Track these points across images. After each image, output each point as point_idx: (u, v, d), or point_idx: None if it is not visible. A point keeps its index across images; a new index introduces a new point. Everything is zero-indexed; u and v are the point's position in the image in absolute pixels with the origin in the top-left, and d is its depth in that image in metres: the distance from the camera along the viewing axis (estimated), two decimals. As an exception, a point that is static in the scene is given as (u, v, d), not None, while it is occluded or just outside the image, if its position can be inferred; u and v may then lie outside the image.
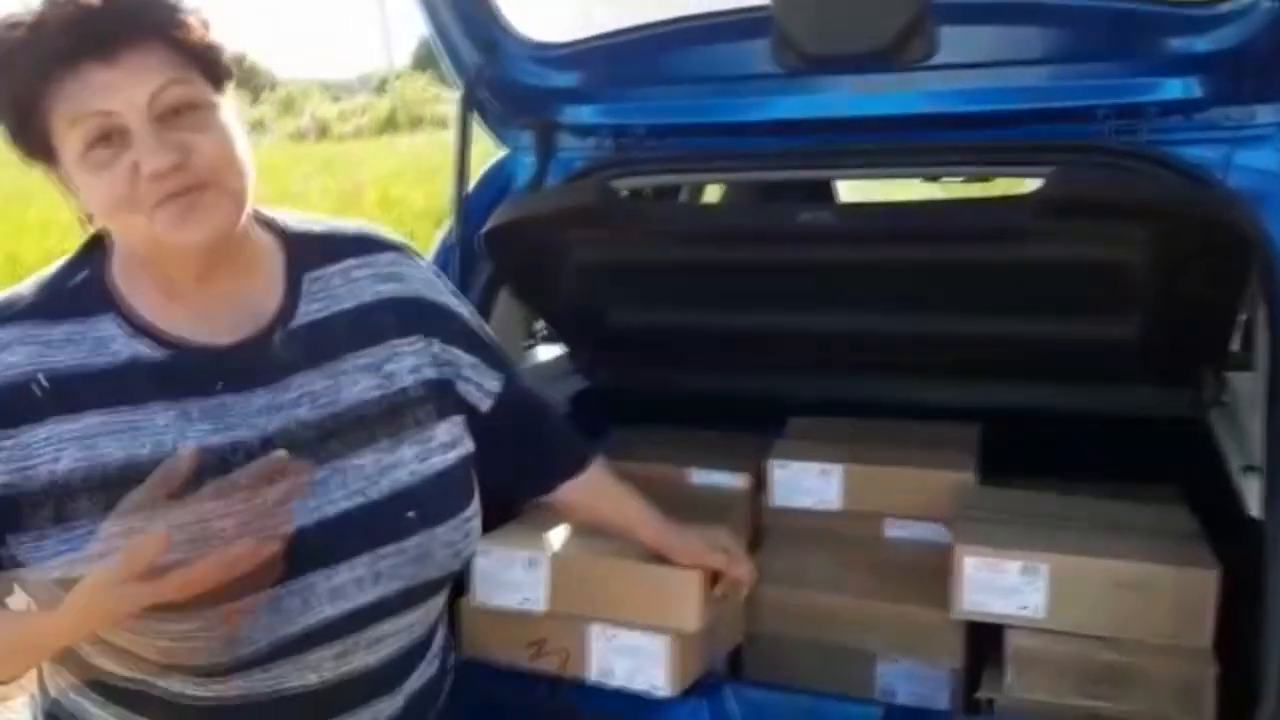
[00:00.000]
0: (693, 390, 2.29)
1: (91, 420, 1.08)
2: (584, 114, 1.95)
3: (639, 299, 2.29)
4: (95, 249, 1.18)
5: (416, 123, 23.29)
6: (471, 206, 1.95)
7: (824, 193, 3.17)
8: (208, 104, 1.10)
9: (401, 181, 13.55)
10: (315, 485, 1.12)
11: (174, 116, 1.06)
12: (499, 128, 2.02)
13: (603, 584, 1.65)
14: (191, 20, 1.09)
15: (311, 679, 1.17)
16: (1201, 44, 1.66)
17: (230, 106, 1.13)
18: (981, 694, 1.71)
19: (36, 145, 1.09)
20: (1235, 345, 1.99)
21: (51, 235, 8.71)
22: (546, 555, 1.68)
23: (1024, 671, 1.66)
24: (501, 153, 2.09)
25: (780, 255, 2.01)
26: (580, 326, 1.60)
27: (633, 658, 1.63)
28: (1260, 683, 1.39)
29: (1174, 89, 1.68)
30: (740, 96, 1.92)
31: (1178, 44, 1.69)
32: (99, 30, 1.03)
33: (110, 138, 1.05)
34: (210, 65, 1.11)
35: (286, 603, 1.12)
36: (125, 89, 1.04)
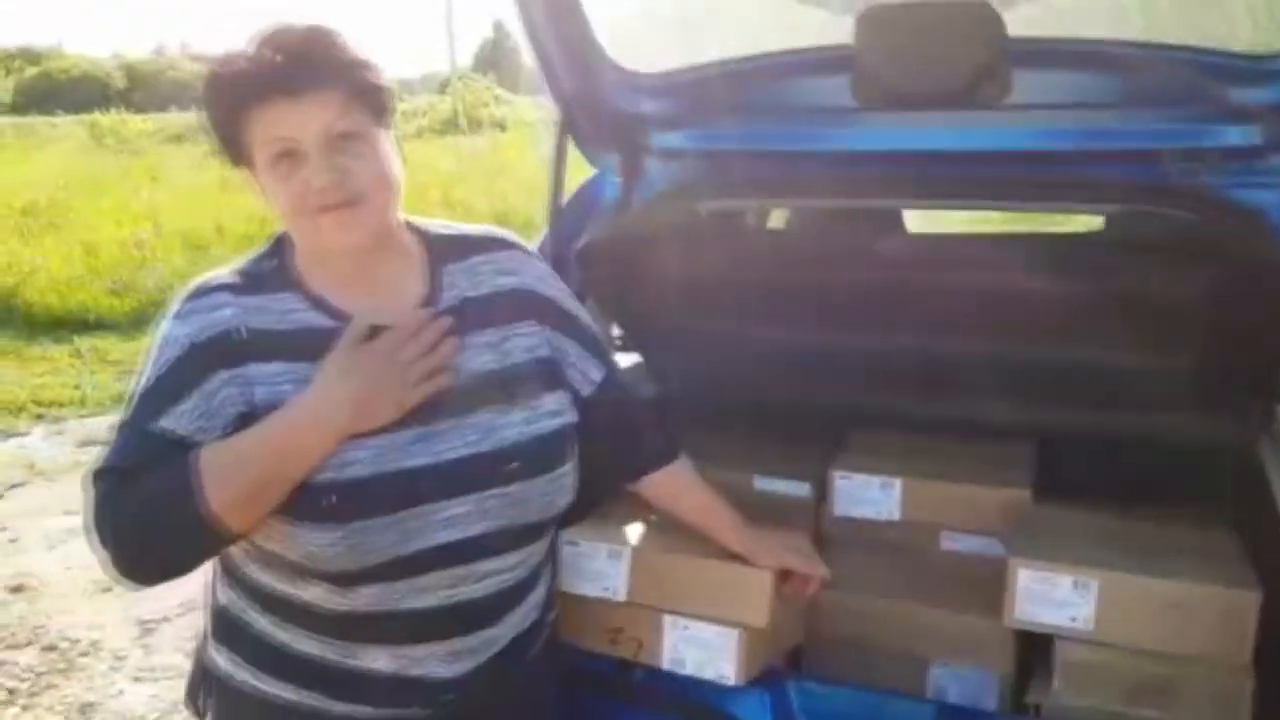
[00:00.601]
0: (758, 401, 2.39)
1: (279, 366, 1.36)
2: (671, 140, 2.07)
3: (713, 313, 2.40)
4: (281, 243, 1.46)
5: (476, 124, 23.53)
6: (563, 221, 2.08)
7: (894, 221, 3.27)
8: (367, 134, 1.36)
9: (464, 184, 13.75)
10: (439, 434, 1.39)
11: (340, 142, 1.34)
12: (590, 149, 2.14)
13: (679, 578, 1.75)
14: (363, 69, 1.37)
15: (430, 600, 1.41)
16: (1260, 94, 1.74)
17: (387, 136, 1.40)
18: (1030, 699, 1.81)
19: (238, 155, 1.38)
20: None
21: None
22: (628, 548, 1.79)
23: (1071, 680, 1.75)
24: (592, 172, 2.21)
25: (854, 278, 2.11)
26: (655, 336, 1.72)
27: (703, 649, 1.73)
28: None
29: (1234, 136, 1.75)
30: (818, 127, 2.02)
31: (1238, 93, 1.77)
32: (290, 74, 1.31)
33: (291, 155, 1.33)
34: (374, 104, 1.38)
35: (407, 524, 1.36)
36: (304, 121, 1.32)
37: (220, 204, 11.71)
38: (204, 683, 1.55)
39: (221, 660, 1.51)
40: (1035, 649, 1.83)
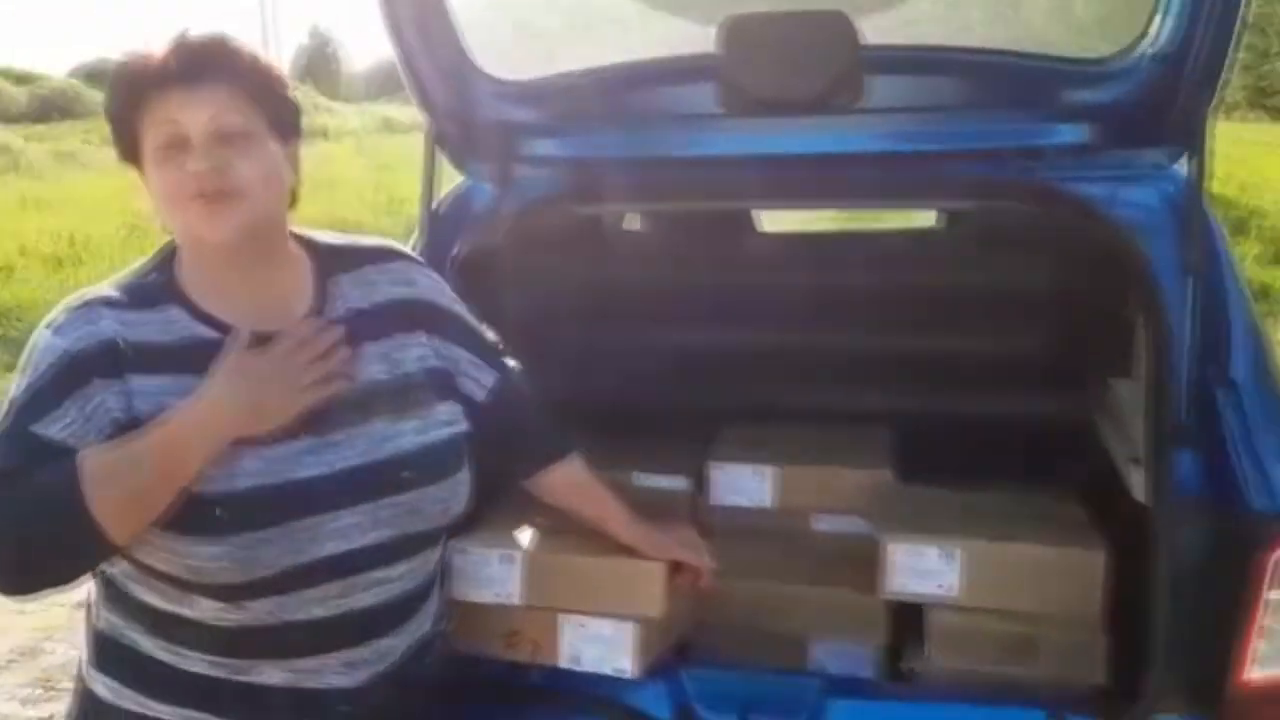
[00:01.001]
0: (632, 401, 2.45)
1: (162, 380, 1.34)
2: (541, 147, 2.09)
3: (585, 317, 2.45)
4: (165, 257, 1.44)
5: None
6: (437, 230, 2.08)
7: (747, 222, 3.38)
8: (258, 136, 1.37)
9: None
10: (333, 444, 1.39)
11: (228, 137, 1.34)
12: (460, 157, 2.15)
13: (573, 576, 1.79)
14: (263, 75, 1.39)
15: (317, 612, 1.39)
16: (1090, 95, 1.90)
17: (282, 147, 1.41)
18: (905, 665, 1.92)
19: (129, 146, 1.38)
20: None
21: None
22: (520, 551, 1.81)
23: (942, 645, 1.87)
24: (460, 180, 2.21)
25: (717, 279, 2.19)
26: (531, 342, 1.75)
27: (600, 644, 1.77)
28: (1147, 644, 1.60)
29: (1067, 134, 1.90)
30: (684, 133, 2.09)
31: (1070, 95, 1.92)
32: (188, 67, 1.34)
33: (177, 143, 1.33)
34: (270, 110, 1.39)
35: (297, 535, 1.34)
36: (194, 110, 1.33)
37: (21, 223, 11.03)
38: (83, 715, 1.49)
39: (102, 688, 1.45)
40: (907, 619, 1.94)
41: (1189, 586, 1.60)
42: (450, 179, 2.20)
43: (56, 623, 3.92)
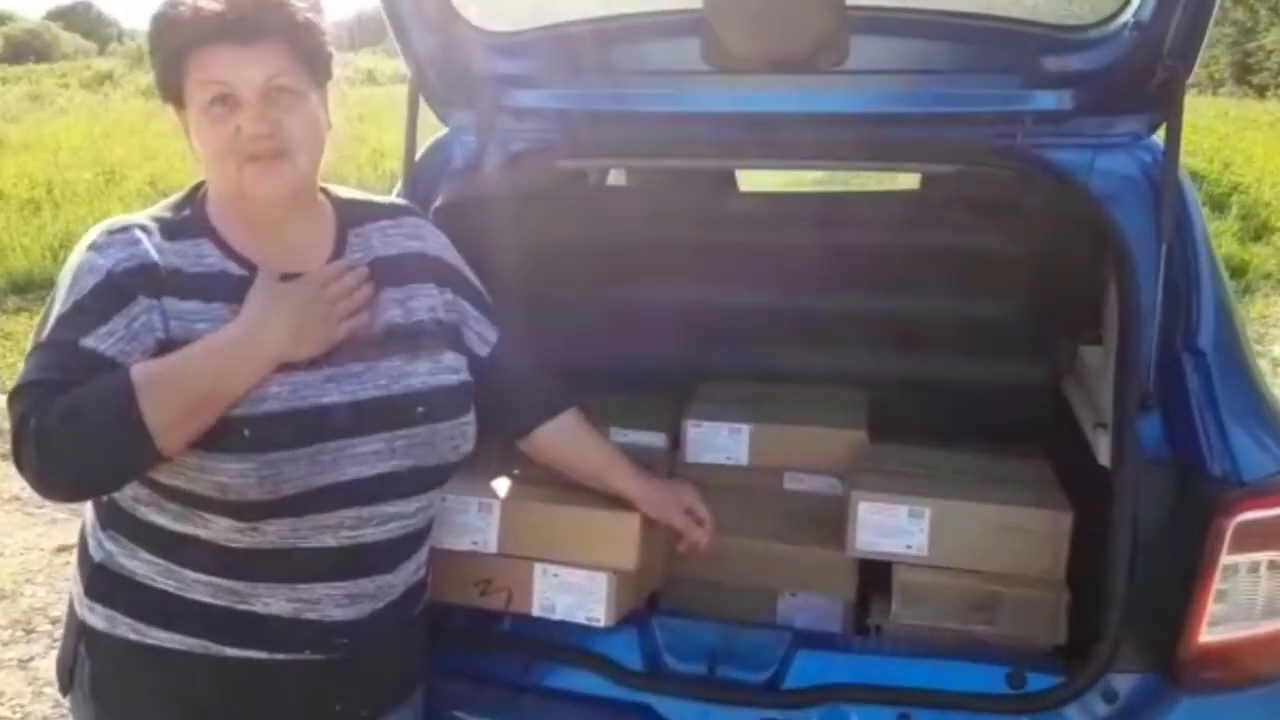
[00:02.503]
0: (608, 358, 2.46)
1: (194, 305, 1.39)
2: (524, 98, 2.09)
3: (564, 273, 2.46)
4: (195, 193, 1.50)
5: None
6: (417, 180, 2.08)
7: (728, 180, 3.38)
8: (304, 93, 1.42)
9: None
10: (351, 375, 1.45)
11: (276, 95, 1.38)
12: (442, 107, 2.14)
13: (549, 527, 1.82)
14: (310, 30, 1.42)
15: (331, 540, 1.45)
16: (1071, 63, 1.90)
17: (320, 99, 1.46)
18: (872, 620, 1.97)
19: (172, 91, 1.42)
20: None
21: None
22: (498, 500, 1.84)
23: (909, 601, 1.91)
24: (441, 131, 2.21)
25: (698, 237, 2.20)
26: (509, 295, 1.76)
27: (574, 594, 1.80)
28: (1107, 605, 1.64)
29: (1047, 101, 1.91)
30: (668, 89, 2.09)
31: (1051, 62, 1.93)
32: (240, 22, 1.36)
33: (226, 100, 1.37)
34: (316, 65, 1.44)
35: (320, 457, 1.40)
36: (246, 70, 1.37)
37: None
38: (77, 648, 1.51)
39: (97, 618, 1.48)
40: (875, 575, 1.98)
41: (1149, 550, 1.64)
42: (432, 131, 2.20)
43: (35, 566, 3.94)
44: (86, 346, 1.32)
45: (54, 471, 1.30)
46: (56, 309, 1.37)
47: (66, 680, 1.54)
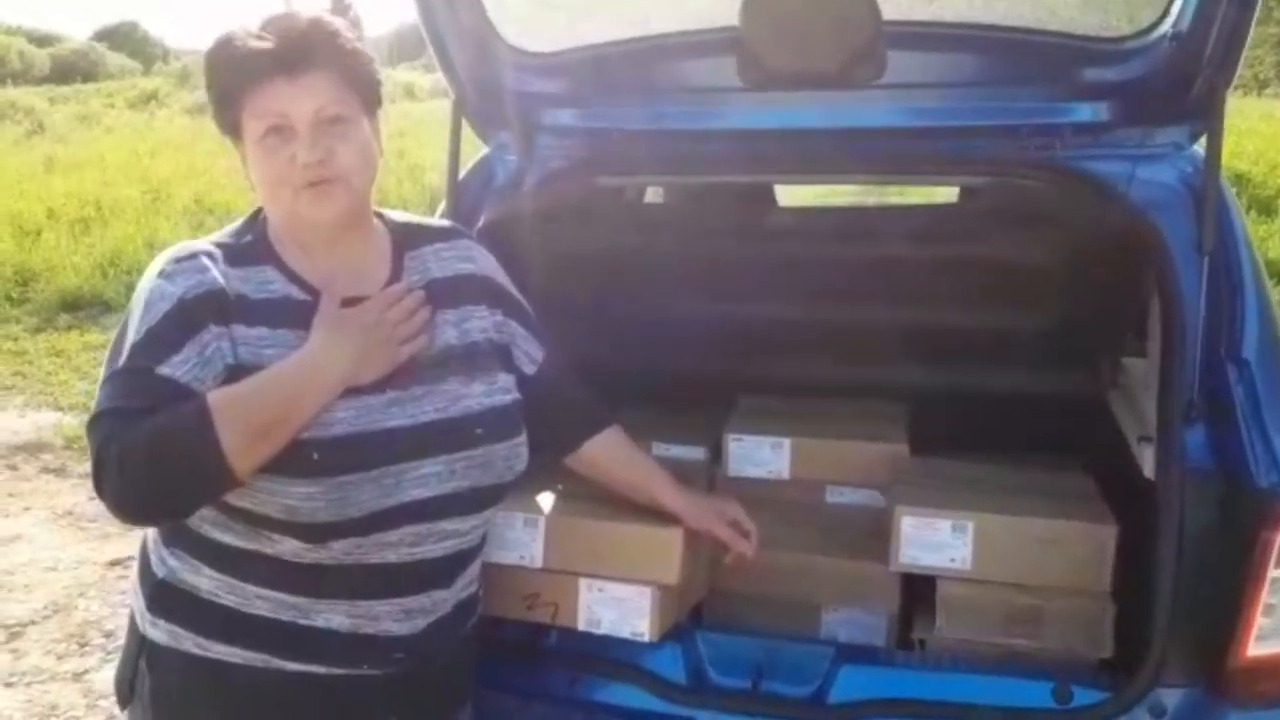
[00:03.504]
0: (652, 372, 2.48)
1: (261, 331, 1.44)
2: (564, 118, 2.12)
3: (605, 288, 2.48)
4: (256, 220, 1.55)
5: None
6: (460, 199, 2.12)
7: (766, 195, 3.39)
8: (355, 120, 1.47)
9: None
10: (413, 399, 1.50)
11: (328, 125, 1.44)
12: (483, 127, 2.17)
13: (593, 541, 1.83)
14: (359, 59, 1.47)
15: (392, 556, 1.49)
16: (1109, 74, 1.90)
17: (371, 124, 1.51)
18: (916, 635, 1.96)
19: (229, 125, 1.48)
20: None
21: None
22: (543, 516, 1.86)
23: (952, 615, 1.91)
24: (484, 150, 2.24)
25: (738, 251, 2.21)
26: (552, 312, 1.79)
27: (618, 608, 1.82)
28: (1153, 618, 1.63)
29: (1086, 112, 1.90)
30: (705, 107, 2.11)
31: (1090, 73, 1.92)
32: (291, 56, 1.42)
33: (281, 131, 1.43)
34: (366, 93, 1.49)
35: (385, 480, 1.44)
36: (298, 101, 1.42)
37: (48, 186, 11.11)
38: (138, 661, 1.55)
39: (160, 633, 1.52)
40: (918, 589, 1.98)
41: (1195, 562, 1.62)
42: (474, 148, 2.23)
43: (88, 580, 4.01)
44: (162, 374, 1.37)
45: (133, 496, 1.34)
46: (130, 337, 1.40)
47: (127, 693, 1.58)
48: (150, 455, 1.31)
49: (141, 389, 1.36)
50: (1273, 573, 1.57)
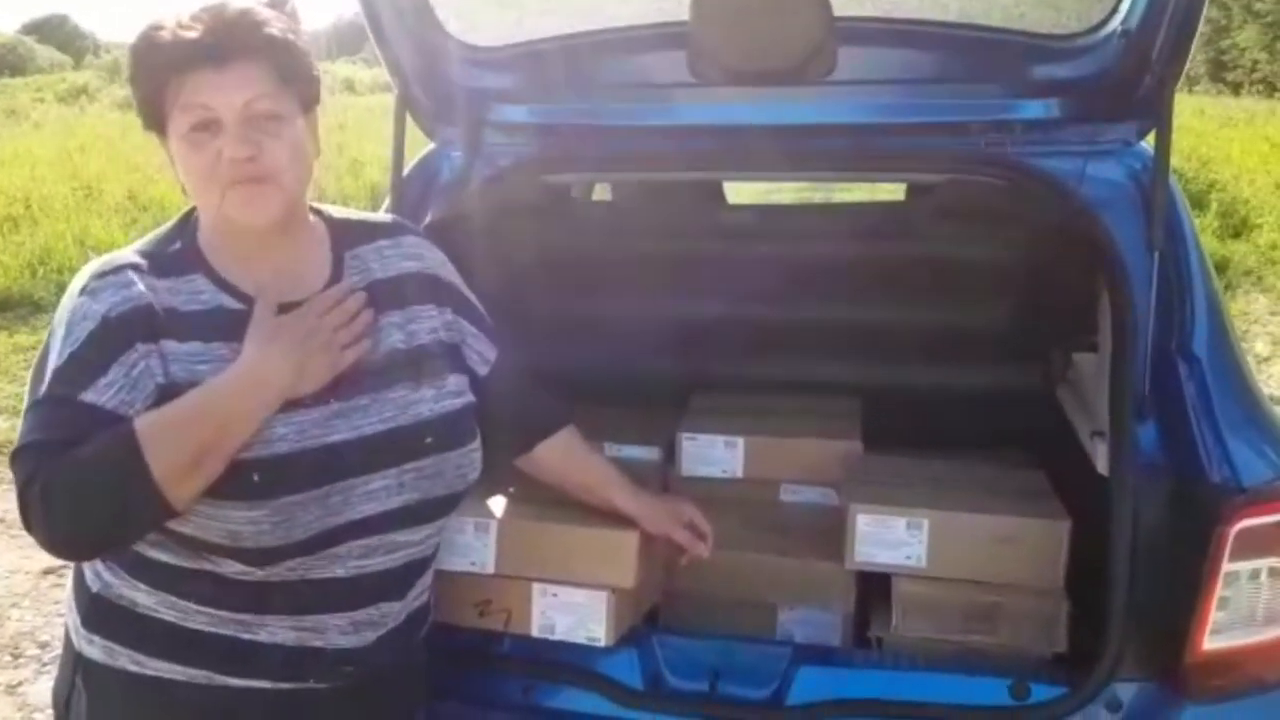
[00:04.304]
0: (600, 371, 2.45)
1: (194, 346, 1.36)
2: (511, 114, 2.08)
3: (554, 287, 2.45)
4: (186, 223, 1.46)
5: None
6: (404, 196, 2.07)
7: (716, 193, 3.38)
8: (288, 117, 1.38)
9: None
10: (359, 409, 1.42)
11: (259, 120, 1.34)
12: (428, 123, 2.13)
13: (546, 546, 1.80)
14: (292, 52, 1.38)
15: (339, 571, 1.43)
16: (1060, 71, 1.91)
17: (307, 123, 1.42)
18: (872, 633, 1.95)
19: (154, 119, 1.38)
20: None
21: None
22: (494, 520, 1.82)
23: (908, 613, 1.90)
24: (429, 146, 2.19)
25: (692, 249, 2.19)
26: (500, 311, 1.75)
27: (573, 613, 1.79)
28: (1108, 614, 1.64)
29: (1036, 109, 1.91)
30: (655, 103, 2.08)
31: (1040, 71, 1.93)
32: (218, 45, 1.32)
33: (208, 126, 1.33)
34: (301, 88, 1.40)
35: (332, 499, 1.38)
36: (226, 93, 1.33)
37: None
38: (74, 678, 1.49)
39: (95, 650, 1.46)
40: (874, 587, 1.97)
41: (1149, 557, 1.63)
42: (419, 144, 2.18)
43: (21, 589, 3.89)
44: (86, 401, 1.29)
45: (64, 533, 1.28)
46: (52, 360, 1.33)
47: (63, 711, 1.52)
48: (77, 492, 1.25)
49: (65, 419, 1.29)
50: (1226, 567, 1.58)
